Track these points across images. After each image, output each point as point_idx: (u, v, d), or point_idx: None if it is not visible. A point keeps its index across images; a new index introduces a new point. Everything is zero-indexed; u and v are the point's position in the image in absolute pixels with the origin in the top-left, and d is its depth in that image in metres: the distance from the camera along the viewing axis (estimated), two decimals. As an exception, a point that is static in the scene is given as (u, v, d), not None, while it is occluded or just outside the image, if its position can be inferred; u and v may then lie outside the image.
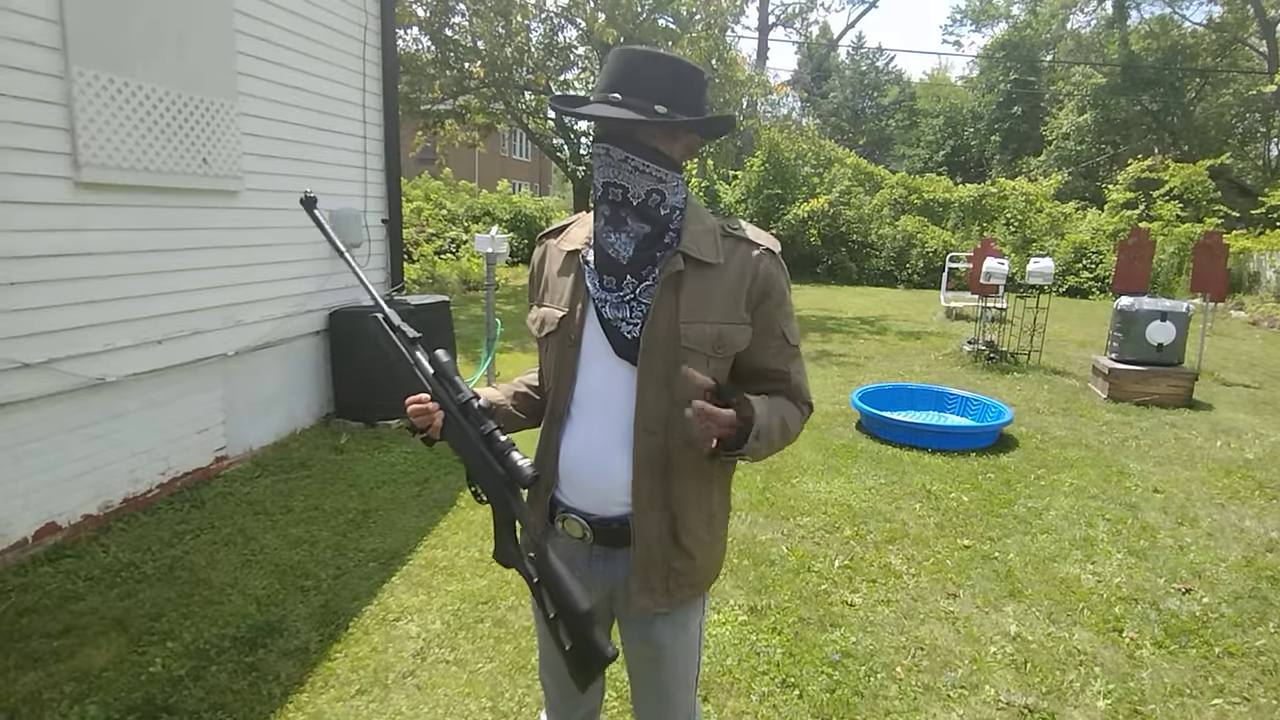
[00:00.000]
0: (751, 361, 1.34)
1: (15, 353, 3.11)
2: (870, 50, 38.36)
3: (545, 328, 1.39)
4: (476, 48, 12.87)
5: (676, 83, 1.22)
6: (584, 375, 1.35)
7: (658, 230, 1.29)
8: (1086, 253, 16.23)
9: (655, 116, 1.19)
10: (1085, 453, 5.14)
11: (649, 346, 1.28)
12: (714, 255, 1.29)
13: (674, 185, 1.29)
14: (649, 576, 1.35)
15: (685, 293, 1.28)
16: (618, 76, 1.22)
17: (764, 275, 1.31)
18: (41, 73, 3.17)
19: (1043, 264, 8.02)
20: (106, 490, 3.63)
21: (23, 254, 3.14)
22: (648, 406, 1.29)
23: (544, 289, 1.43)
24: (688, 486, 1.33)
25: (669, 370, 1.27)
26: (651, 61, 1.23)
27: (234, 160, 4.22)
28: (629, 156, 1.23)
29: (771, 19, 28.00)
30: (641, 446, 1.30)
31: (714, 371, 1.29)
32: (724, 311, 1.29)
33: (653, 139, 1.24)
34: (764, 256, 1.32)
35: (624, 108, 1.19)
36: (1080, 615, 3.05)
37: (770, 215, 17.80)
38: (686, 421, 1.17)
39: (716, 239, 1.31)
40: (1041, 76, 30.80)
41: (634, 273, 1.30)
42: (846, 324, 11.06)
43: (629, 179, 1.25)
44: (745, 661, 2.67)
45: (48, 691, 2.38)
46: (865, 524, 3.88)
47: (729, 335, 1.29)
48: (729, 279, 1.29)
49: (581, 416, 1.36)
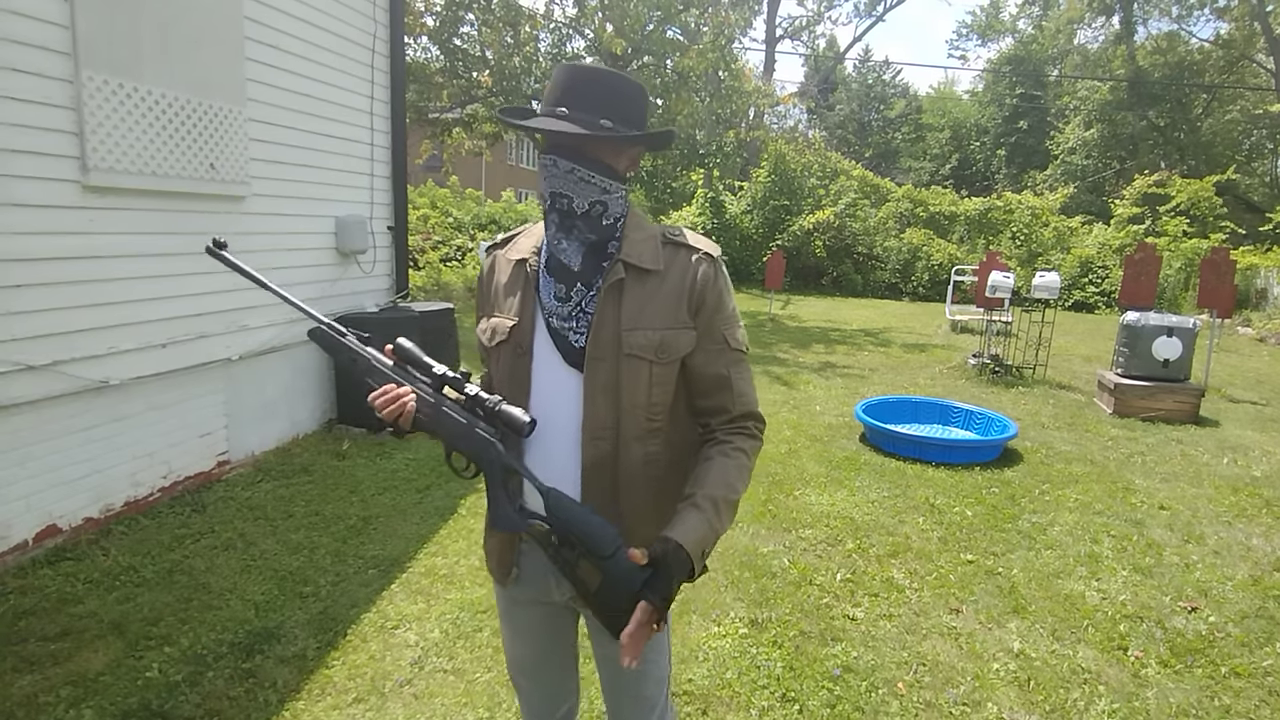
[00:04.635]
0: (695, 367, 1.35)
1: (19, 355, 3.12)
2: (877, 63, 38.50)
3: (496, 337, 1.40)
4: (485, 57, 12.94)
5: (620, 99, 1.26)
6: (536, 384, 1.36)
7: (602, 240, 1.32)
8: (1092, 267, 16.20)
9: (599, 131, 1.23)
10: (1090, 468, 5.11)
11: (594, 354, 1.30)
12: (654, 262, 1.32)
13: (617, 197, 1.31)
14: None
15: (627, 300, 1.30)
16: (565, 91, 1.25)
17: (702, 279, 1.32)
18: (51, 77, 3.19)
19: (1048, 278, 8.00)
20: (108, 493, 3.63)
21: (29, 256, 3.15)
22: (595, 414, 1.31)
23: (494, 299, 1.44)
24: (635, 492, 1.34)
25: (615, 378, 1.30)
26: (596, 78, 1.27)
27: (241, 166, 4.23)
28: (575, 167, 1.26)
29: (779, 31, 28.17)
30: (589, 454, 1.32)
31: (658, 378, 1.31)
32: (666, 317, 1.31)
33: (599, 152, 1.28)
34: (702, 261, 1.34)
35: (570, 122, 1.23)
36: (1085, 633, 3.02)
37: (776, 227, 17.82)
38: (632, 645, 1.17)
39: (657, 246, 1.33)
40: (1048, 91, 30.87)
41: (583, 280, 1.32)
42: (851, 336, 11.04)
43: (574, 189, 1.27)
44: (745, 675, 2.65)
45: (44, 695, 2.37)
46: (868, 537, 3.86)
47: (671, 341, 1.31)
48: (669, 285, 1.32)
49: (541, 421, 1.37)
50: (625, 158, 1.33)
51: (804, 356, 9.22)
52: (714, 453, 1.34)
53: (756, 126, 18.17)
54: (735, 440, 1.36)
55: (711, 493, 1.28)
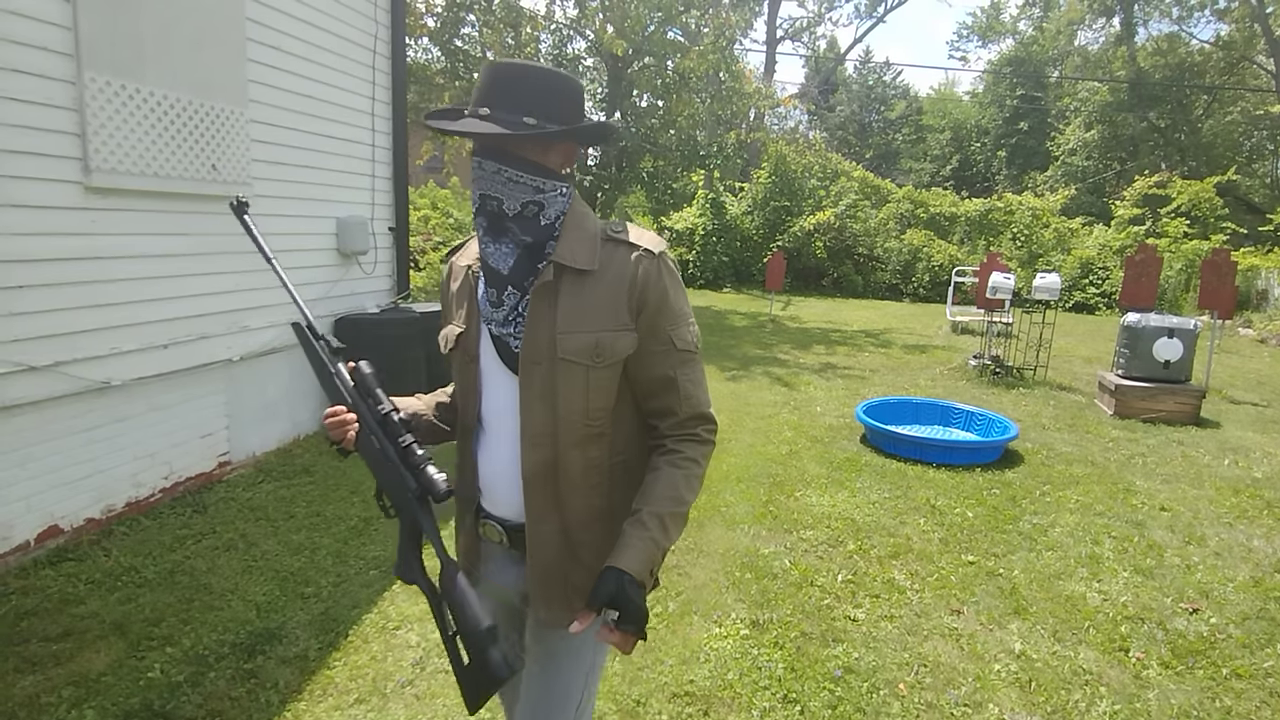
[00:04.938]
0: (639, 369, 1.31)
1: (21, 355, 3.12)
2: (877, 65, 38.48)
3: (448, 344, 1.41)
4: (486, 58, 12.96)
5: (546, 94, 1.22)
6: (486, 389, 1.36)
7: (539, 241, 1.28)
8: (1093, 268, 16.19)
9: (521, 129, 1.20)
10: (1091, 469, 5.11)
11: (529, 359, 1.28)
12: (589, 262, 1.27)
13: (553, 194, 1.28)
14: (548, 589, 1.35)
15: (563, 303, 1.27)
16: (487, 91, 1.22)
17: (643, 278, 1.28)
18: (54, 78, 3.19)
19: (1049, 279, 8.00)
20: (109, 494, 3.63)
21: (32, 258, 3.15)
22: (531, 421, 1.29)
23: (448, 307, 1.44)
24: (578, 499, 1.32)
25: (551, 383, 1.27)
26: (520, 75, 1.24)
27: (243, 167, 4.24)
28: (501, 168, 1.24)
29: (779, 32, 28.18)
30: (528, 460, 1.30)
31: (596, 383, 1.28)
32: (603, 319, 1.27)
33: (525, 150, 1.24)
34: (643, 258, 1.29)
35: (492, 122, 1.20)
36: (1086, 634, 3.02)
37: (777, 228, 17.82)
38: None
39: (596, 245, 1.29)
40: (1048, 92, 30.85)
41: (515, 284, 1.29)
42: (852, 337, 11.04)
43: (503, 190, 1.25)
44: (746, 676, 2.65)
45: (45, 695, 2.37)
46: (869, 538, 3.86)
47: (608, 343, 1.27)
48: (606, 285, 1.27)
49: (490, 429, 1.37)
50: (557, 154, 1.29)
51: (805, 358, 9.22)
52: (662, 463, 1.31)
53: (757, 128, 18.15)
54: (684, 449, 1.32)
55: (658, 509, 1.26)
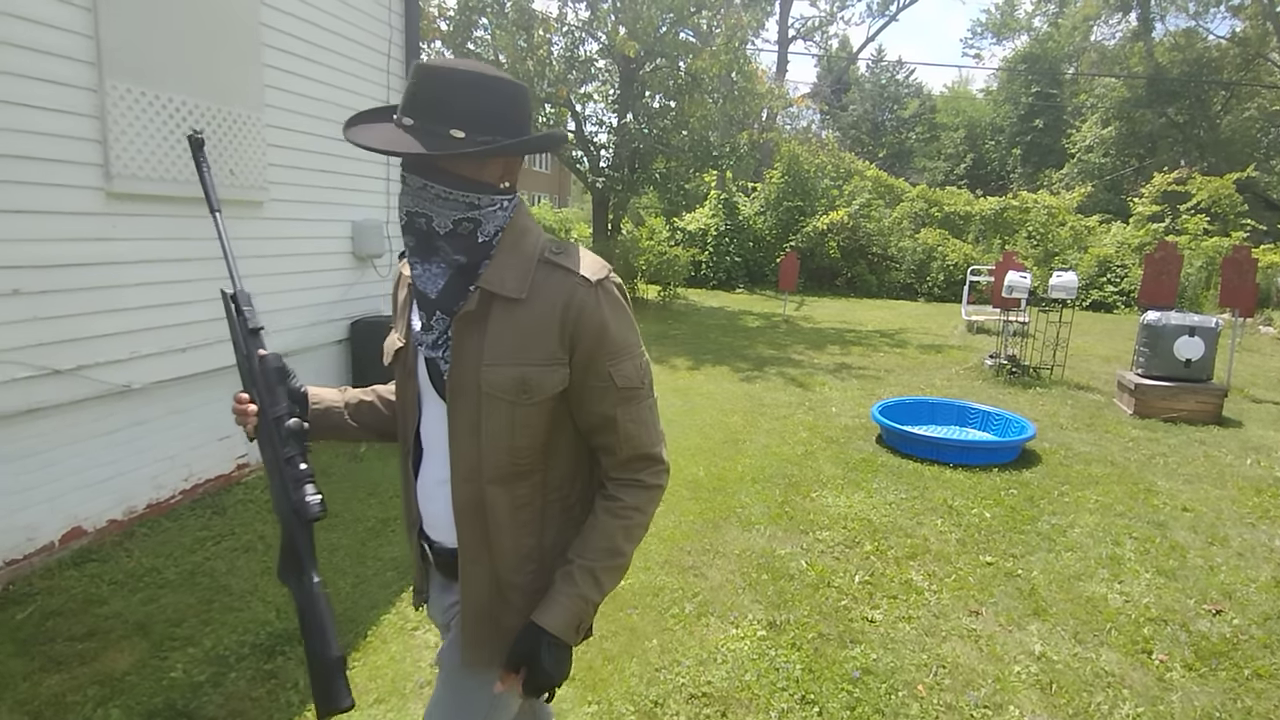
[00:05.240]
0: (578, 406, 1.20)
1: (46, 359, 3.17)
2: (890, 63, 38.32)
3: (388, 356, 1.34)
4: (498, 61, 13.01)
5: (476, 103, 1.10)
6: (425, 409, 1.28)
7: (473, 261, 1.17)
8: (1111, 266, 16.02)
9: (447, 145, 1.08)
10: (1111, 469, 5.05)
11: (455, 390, 1.18)
12: (518, 289, 1.15)
13: (491, 210, 1.17)
14: (479, 631, 1.27)
15: (490, 332, 1.15)
16: (413, 98, 1.11)
17: (578, 307, 1.14)
18: (76, 86, 3.24)
19: (1065, 278, 7.93)
20: (130, 496, 3.67)
21: (54, 263, 3.20)
22: (460, 454, 1.20)
23: (396, 314, 1.36)
24: (506, 538, 1.23)
25: (477, 417, 1.17)
26: (450, 80, 1.10)
27: (260, 171, 4.28)
28: (428, 184, 1.13)
29: (791, 32, 28.13)
30: (458, 494, 1.22)
31: (522, 420, 1.17)
32: (531, 351, 1.15)
33: (454, 165, 1.13)
34: (579, 286, 1.15)
35: (414, 134, 1.09)
36: (1107, 636, 2.99)
37: (790, 228, 17.77)
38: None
39: (529, 269, 1.16)
40: (1064, 89, 30.60)
41: (444, 309, 1.18)
42: (866, 337, 10.99)
43: (431, 207, 1.14)
44: (764, 677, 2.64)
45: (72, 694, 2.41)
46: (886, 539, 3.84)
47: (535, 379, 1.15)
48: (537, 314, 1.15)
49: (427, 451, 1.30)
50: (494, 167, 1.16)
51: (819, 358, 9.19)
52: (601, 510, 1.22)
53: (770, 128, 18.12)
54: (624, 495, 1.21)
55: (591, 561, 1.18)
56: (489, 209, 1.16)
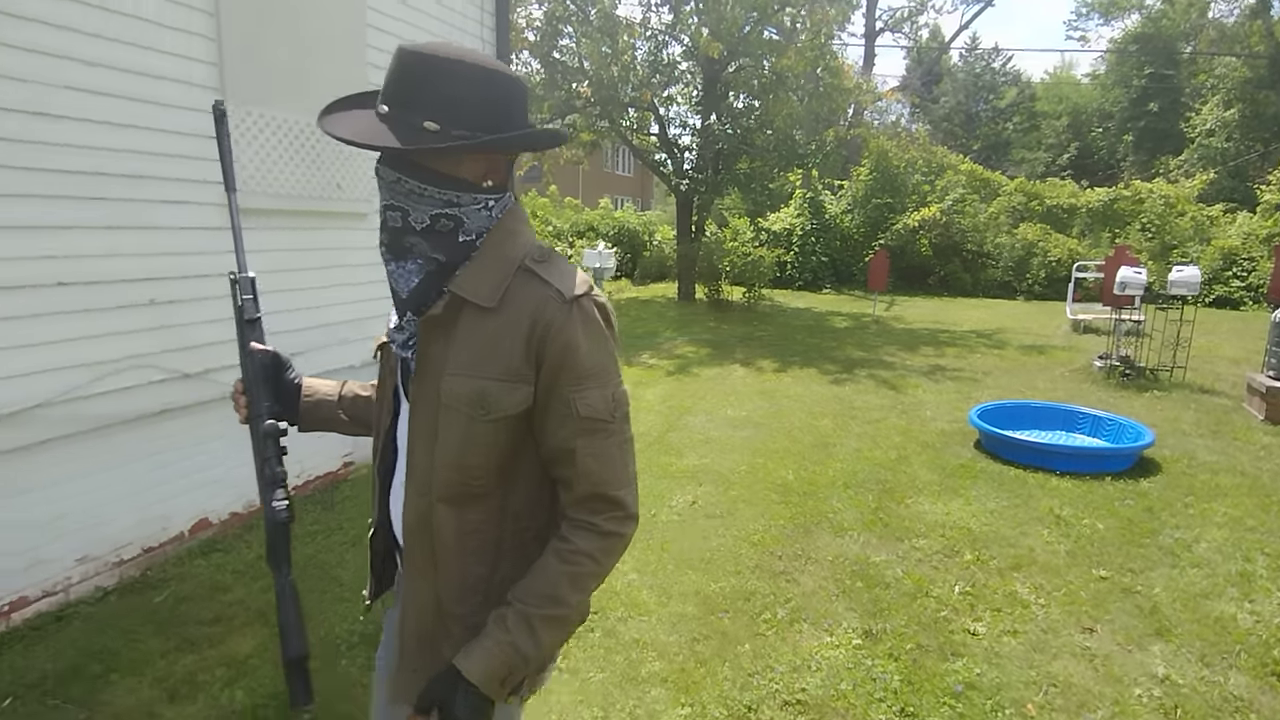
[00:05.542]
0: (539, 431, 1.10)
1: (176, 363, 3.44)
2: (985, 51, 36.71)
3: (373, 350, 1.30)
4: (583, 68, 13.22)
5: (455, 93, 1.02)
6: (400, 408, 1.21)
7: (453, 261, 1.10)
8: (1237, 259, 14.80)
9: (419, 138, 1.01)
10: (1240, 480, 4.67)
11: (416, 397, 1.11)
12: (490, 297, 1.07)
13: (473, 207, 1.09)
14: (419, 655, 1.16)
15: (457, 340, 1.08)
16: (391, 84, 1.04)
17: (546, 323, 1.05)
18: (201, 110, 3.50)
19: (1187, 273, 7.39)
20: (250, 491, 3.88)
21: (180, 274, 3.46)
22: (414, 465, 1.13)
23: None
24: (453, 563, 1.12)
25: (435, 428, 1.09)
26: (430, 68, 1.02)
27: (364, 184, 4.50)
28: (400, 178, 1.07)
29: (879, 24, 27.30)
30: (410, 511, 1.14)
31: (477, 437, 1.08)
32: (493, 365, 1.06)
33: (428, 160, 1.05)
34: (551, 300, 1.06)
35: (387, 123, 1.03)
36: (1237, 659, 2.77)
37: (878, 225, 17.28)
38: None
39: (507, 276, 1.08)
40: (1180, 69, 28.51)
41: (415, 310, 1.12)
42: (961, 337, 10.56)
43: (407, 201, 1.08)
44: (860, 687, 2.58)
45: (202, 674, 2.60)
46: (987, 549, 3.68)
47: (495, 395, 1.06)
48: (506, 326, 1.06)
49: (400, 450, 1.21)
50: (473, 164, 1.08)
51: (911, 359, 8.89)
52: (550, 550, 1.09)
53: (857, 124, 17.69)
54: (575, 539, 1.08)
55: (529, 608, 1.05)
56: (471, 207, 1.09)
